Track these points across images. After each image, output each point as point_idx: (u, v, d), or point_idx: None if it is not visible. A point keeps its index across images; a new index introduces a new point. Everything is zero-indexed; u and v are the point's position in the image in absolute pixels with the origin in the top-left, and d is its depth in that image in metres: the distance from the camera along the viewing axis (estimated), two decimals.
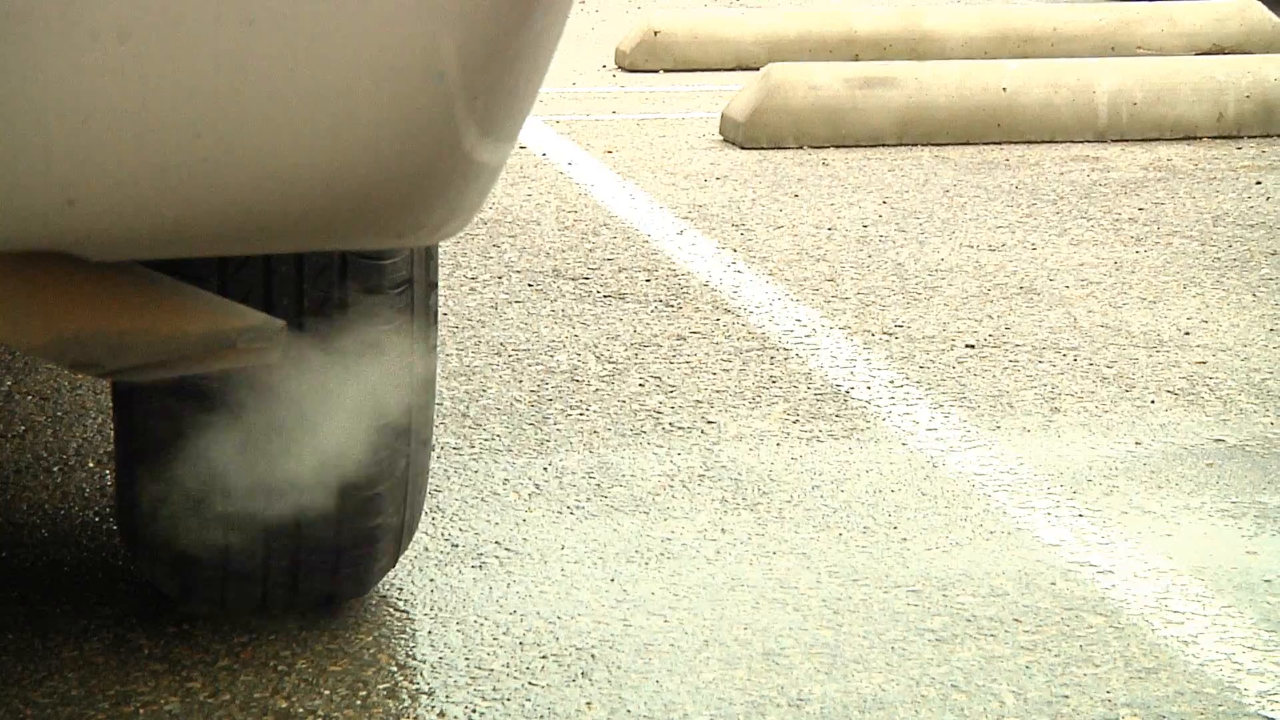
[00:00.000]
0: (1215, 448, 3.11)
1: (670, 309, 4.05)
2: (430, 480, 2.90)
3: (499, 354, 3.69)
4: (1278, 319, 3.97)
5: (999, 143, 6.35)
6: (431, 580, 2.53)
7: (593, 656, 2.29)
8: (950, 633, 2.37)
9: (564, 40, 9.45)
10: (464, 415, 3.28)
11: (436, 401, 3.30)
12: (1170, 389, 3.45)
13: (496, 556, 2.62)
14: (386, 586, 2.49)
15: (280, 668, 2.25)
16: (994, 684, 2.22)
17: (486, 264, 4.51)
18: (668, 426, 3.22)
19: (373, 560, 2.31)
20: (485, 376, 3.53)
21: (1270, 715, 2.15)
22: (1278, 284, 4.29)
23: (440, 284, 4.24)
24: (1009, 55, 8.56)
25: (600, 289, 4.24)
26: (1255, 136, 6.46)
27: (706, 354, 3.69)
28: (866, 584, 2.53)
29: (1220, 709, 2.16)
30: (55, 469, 2.97)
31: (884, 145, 6.32)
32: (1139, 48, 8.70)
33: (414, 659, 2.29)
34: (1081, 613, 2.43)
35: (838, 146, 6.29)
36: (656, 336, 3.82)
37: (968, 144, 6.34)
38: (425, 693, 2.20)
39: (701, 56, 8.63)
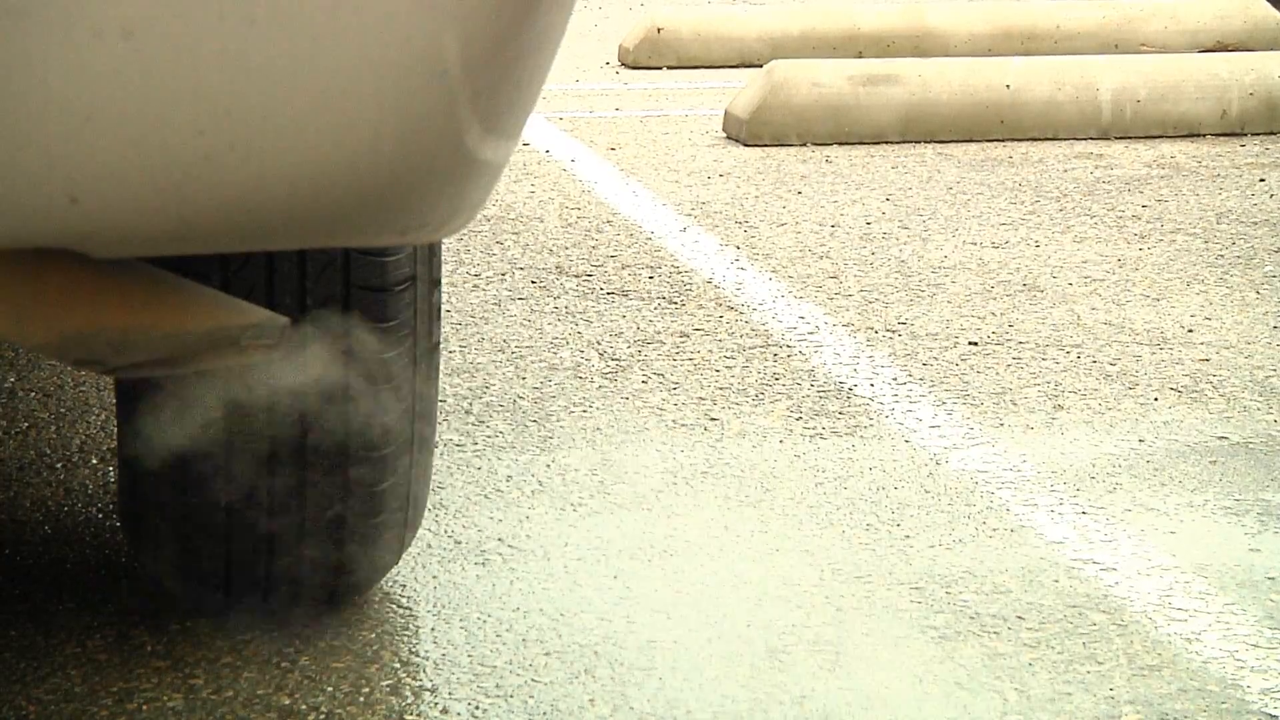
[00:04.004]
0: (1218, 445, 3.11)
1: (673, 306, 4.05)
2: (433, 477, 2.90)
3: (502, 351, 3.69)
4: None
5: (1002, 140, 6.34)
6: (435, 577, 2.53)
7: (596, 653, 2.29)
8: (953, 630, 2.36)
9: (567, 37, 9.46)
10: (467, 412, 3.28)
11: (439, 398, 3.30)
12: (1173, 386, 3.45)
13: (499, 553, 2.62)
14: (390, 583, 2.49)
15: (283, 664, 2.25)
16: (997, 681, 2.22)
17: (489, 261, 4.51)
18: (671, 423, 3.22)
19: (376, 557, 2.31)
20: (488, 373, 3.53)
21: (1273, 713, 2.15)
22: None
23: (443, 281, 4.24)
24: (1012, 52, 8.56)
25: (603, 286, 4.23)
26: (1259, 134, 6.45)
27: (709, 351, 3.69)
28: (869, 581, 2.52)
29: (1223, 706, 2.16)
30: (58, 465, 2.97)
31: (887, 142, 6.31)
32: (1142, 45, 8.70)
33: (417, 656, 2.29)
34: (1085, 610, 2.43)
35: (841, 143, 6.29)
36: (659, 334, 3.81)
37: (971, 141, 6.34)
38: (428, 690, 2.20)
39: (705, 53, 8.63)
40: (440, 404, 3.31)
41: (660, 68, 8.62)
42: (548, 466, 2.99)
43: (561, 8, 1.61)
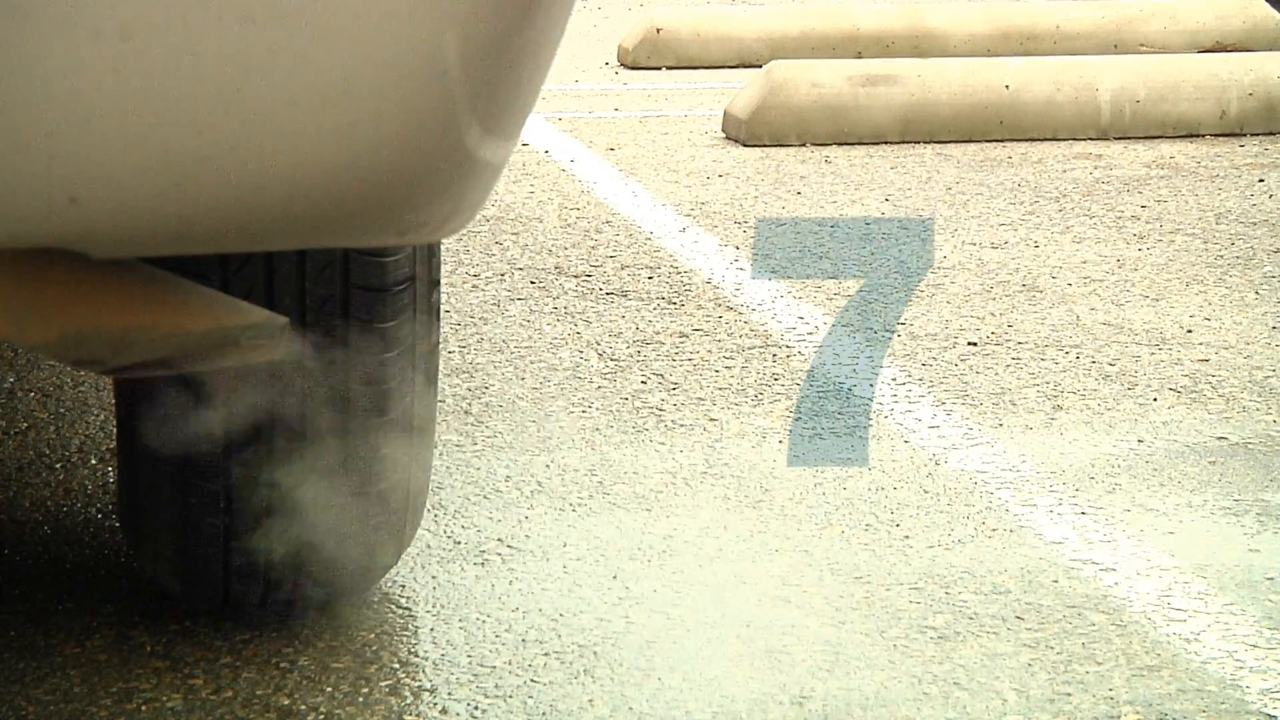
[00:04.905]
0: (1218, 445, 3.11)
1: (673, 306, 4.05)
2: (432, 477, 2.90)
3: (501, 351, 3.69)
4: None
5: (1001, 140, 6.34)
6: (434, 577, 2.53)
7: (595, 654, 2.29)
8: (952, 630, 2.37)
9: (566, 37, 9.45)
10: (466, 412, 3.28)
11: (439, 398, 3.30)
12: (1173, 387, 3.45)
13: (499, 554, 2.62)
14: (389, 584, 2.49)
15: (282, 665, 2.25)
16: (996, 681, 2.22)
17: (489, 261, 4.51)
18: (670, 424, 3.22)
19: (375, 557, 2.31)
20: (487, 374, 3.53)
21: (1272, 713, 2.15)
22: None
23: (442, 281, 4.24)
24: (1011, 53, 8.56)
25: (602, 286, 4.24)
26: (1258, 134, 6.45)
27: (709, 351, 3.69)
28: (869, 582, 2.53)
29: (1222, 707, 2.16)
30: (57, 466, 2.97)
31: (886, 143, 6.31)
32: (1141, 45, 8.70)
33: (416, 656, 2.29)
34: (1084, 610, 2.43)
35: (840, 144, 6.29)
36: (659, 334, 3.82)
37: (970, 141, 6.34)
38: (427, 690, 2.20)
39: (704, 54, 8.63)
40: (440, 404, 3.31)
41: (659, 68, 8.62)
42: (547, 467, 2.99)
43: (561, 8, 1.61)
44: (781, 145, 6.26)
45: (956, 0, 9.62)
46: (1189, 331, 3.83)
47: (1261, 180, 5.59)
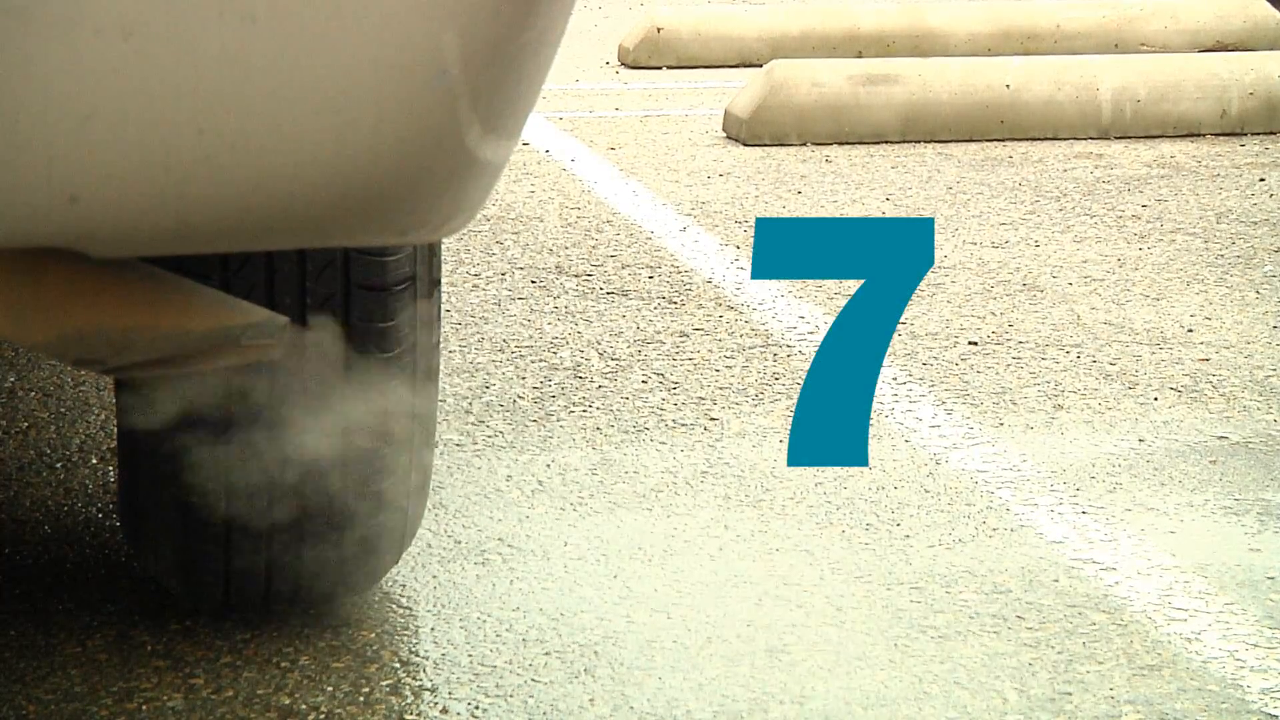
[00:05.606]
0: (1218, 445, 3.11)
1: (673, 306, 4.05)
2: (433, 477, 2.90)
3: (502, 350, 3.69)
4: None
5: (1002, 140, 6.34)
6: (434, 577, 2.53)
7: (596, 653, 2.29)
8: (953, 630, 2.37)
9: (567, 37, 9.45)
10: (467, 412, 3.28)
11: (439, 398, 3.30)
12: (1173, 386, 3.45)
13: (499, 553, 2.62)
14: (389, 583, 2.49)
15: (283, 664, 2.25)
16: (997, 681, 2.22)
17: (489, 261, 4.51)
18: (670, 423, 3.22)
19: (376, 557, 2.31)
20: (488, 373, 3.53)
21: (1273, 713, 2.15)
22: None
23: (443, 280, 4.24)
24: (1012, 52, 8.56)
25: (603, 286, 4.24)
26: (1259, 133, 6.45)
27: (709, 351, 3.69)
28: (869, 581, 2.52)
29: (1223, 706, 2.16)
30: (58, 465, 2.97)
31: (887, 142, 6.31)
32: (1142, 45, 8.70)
33: (417, 656, 2.29)
34: (1084, 610, 2.43)
35: (841, 143, 6.29)
36: (659, 333, 3.82)
37: (971, 141, 6.34)
38: (428, 689, 2.20)
39: (705, 53, 8.63)
40: (440, 404, 3.31)
41: (660, 67, 8.62)
42: (547, 466, 2.99)
43: (561, 8, 1.61)
44: (782, 144, 6.26)
45: (957, 0, 9.62)
46: (1190, 331, 3.83)
47: (1262, 179, 5.59)
